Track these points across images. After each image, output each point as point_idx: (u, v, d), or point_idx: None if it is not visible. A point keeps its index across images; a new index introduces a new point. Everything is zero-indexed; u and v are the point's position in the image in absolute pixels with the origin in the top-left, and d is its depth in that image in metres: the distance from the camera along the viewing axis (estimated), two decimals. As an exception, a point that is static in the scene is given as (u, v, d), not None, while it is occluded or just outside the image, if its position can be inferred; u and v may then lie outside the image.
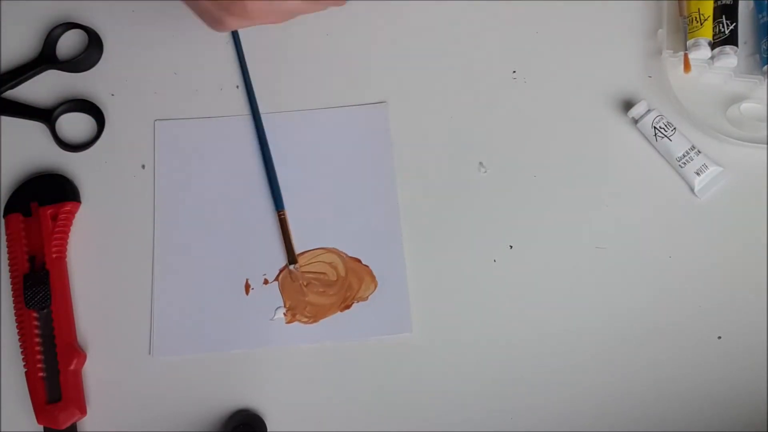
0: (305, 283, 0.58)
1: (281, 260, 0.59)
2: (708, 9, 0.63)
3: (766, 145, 0.61)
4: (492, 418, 0.55)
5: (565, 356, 0.56)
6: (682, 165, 0.60)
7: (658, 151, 0.61)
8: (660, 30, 0.64)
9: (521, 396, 0.56)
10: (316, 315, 0.57)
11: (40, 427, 0.55)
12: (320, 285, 0.58)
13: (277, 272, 0.58)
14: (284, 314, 0.57)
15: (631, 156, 0.61)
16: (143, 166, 0.62)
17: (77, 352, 0.56)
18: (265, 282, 0.58)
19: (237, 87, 0.64)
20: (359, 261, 0.59)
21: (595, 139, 0.62)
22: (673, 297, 0.58)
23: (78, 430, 0.55)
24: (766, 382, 0.55)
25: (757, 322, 0.57)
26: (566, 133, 0.62)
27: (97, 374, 0.57)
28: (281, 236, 0.59)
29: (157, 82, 0.64)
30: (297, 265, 0.58)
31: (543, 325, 0.57)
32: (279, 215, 0.59)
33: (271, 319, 0.57)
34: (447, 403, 0.56)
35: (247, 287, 0.58)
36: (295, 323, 0.57)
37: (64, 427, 0.54)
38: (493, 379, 0.56)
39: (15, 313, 0.57)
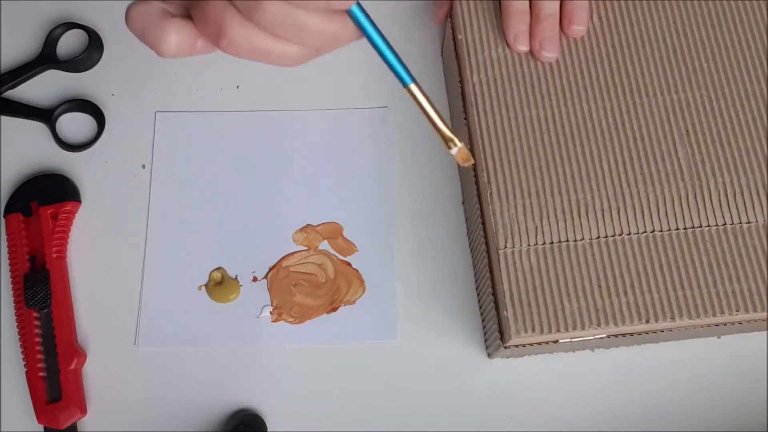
0: (294, 283, 0.58)
1: (271, 258, 0.59)
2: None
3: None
4: (493, 418, 0.55)
5: (564, 356, 0.56)
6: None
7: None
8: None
9: (520, 397, 0.56)
10: (302, 316, 0.57)
11: (41, 427, 0.54)
12: (309, 286, 0.58)
13: (267, 270, 0.58)
14: (270, 312, 0.57)
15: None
16: (143, 166, 0.62)
17: (77, 352, 0.56)
18: (254, 279, 0.58)
19: (237, 87, 0.64)
20: (349, 264, 0.59)
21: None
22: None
23: (78, 430, 0.55)
24: (766, 382, 0.55)
25: (757, 322, 0.57)
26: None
27: (97, 374, 0.56)
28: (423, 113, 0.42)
29: (157, 82, 0.64)
30: (459, 146, 0.42)
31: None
32: (413, 88, 0.43)
33: (257, 317, 0.57)
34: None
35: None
36: (281, 322, 0.57)
37: (64, 426, 0.54)
38: (492, 379, 0.56)
39: (15, 313, 0.57)
